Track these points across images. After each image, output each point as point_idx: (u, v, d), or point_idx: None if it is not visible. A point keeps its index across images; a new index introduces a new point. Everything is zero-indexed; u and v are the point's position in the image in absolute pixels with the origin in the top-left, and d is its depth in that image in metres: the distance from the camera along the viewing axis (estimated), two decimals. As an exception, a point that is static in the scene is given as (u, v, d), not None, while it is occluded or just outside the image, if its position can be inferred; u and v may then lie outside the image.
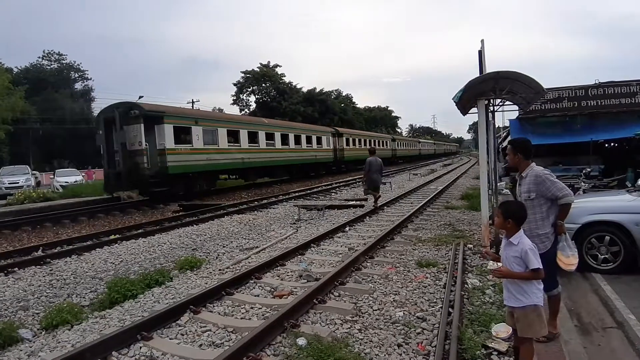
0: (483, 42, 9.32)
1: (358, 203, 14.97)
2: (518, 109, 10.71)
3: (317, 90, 68.91)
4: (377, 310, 5.27)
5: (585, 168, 13.03)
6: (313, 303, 5.45)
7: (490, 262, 3.61)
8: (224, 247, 9.74)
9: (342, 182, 25.93)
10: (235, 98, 65.55)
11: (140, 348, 4.49)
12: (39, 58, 59.48)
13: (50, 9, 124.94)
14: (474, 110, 8.73)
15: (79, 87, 63.28)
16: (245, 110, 64.90)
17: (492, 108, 8.90)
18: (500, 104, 9.32)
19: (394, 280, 6.41)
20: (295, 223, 12.43)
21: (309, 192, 21.05)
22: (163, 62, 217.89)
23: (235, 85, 64.90)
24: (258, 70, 63.53)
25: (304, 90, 67.62)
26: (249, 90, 65.39)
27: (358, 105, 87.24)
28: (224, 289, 6.07)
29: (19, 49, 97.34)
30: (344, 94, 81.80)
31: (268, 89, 64.55)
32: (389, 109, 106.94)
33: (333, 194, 20.54)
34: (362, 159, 45.13)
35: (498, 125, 18.27)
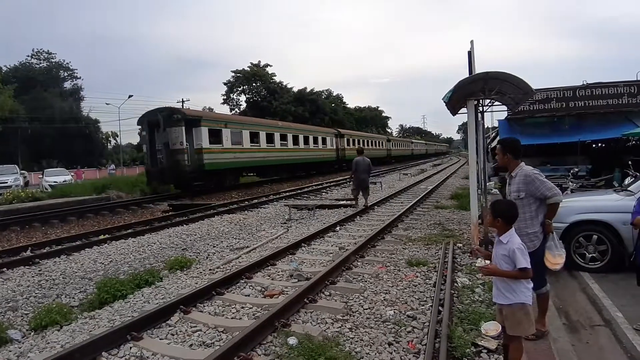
0: (472, 43, 9.40)
1: (349, 203, 14.99)
2: (507, 110, 10.80)
3: (307, 90, 68.93)
4: (367, 309, 5.29)
5: (573, 168, 13.18)
6: (304, 302, 5.45)
7: (478, 259, 3.62)
8: (214, 247, 9.70)
9: (332, 182, 25.95)
10: (226, 97, 65.43)
11: (130, 348, 4.46)
12: (28, 57, 58.90)
13: (40, 8, 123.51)
14: (464, 111, 8.79)
15: (68, 86, 62.62)
16: (236, 110, 64.74)
17: (481, 108, 8.97)
18: (490, 105, 9.39)
19: (385, 280, 6.43)
20: (286, 223, 12.42)
21: (300, 191, 21.02)
22: (153, 61, 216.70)
23: (226, 85, 64.83)
24: (248, 70, 63.39)
25: (295, 90, 67.61)
26: (240, 90, 65.24)
27: (349, 105, 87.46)
28: (215, 289, 6.05)
29: (8, 48, 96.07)
30: (335, 94, 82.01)
31: (258, 89, 64.43)
32: (380, 109, 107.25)
33: (324, 194, 20.53)
34: None
35: (487, 126, 18.42)
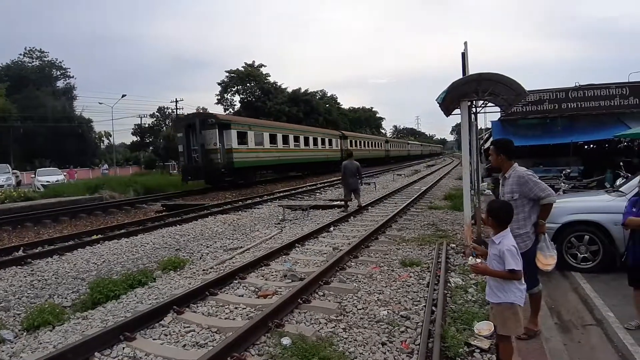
0: (466, 44, 9.45)
1: (343, 203, 15.00)
2: (500, 111, 10.86)
3: (302, 91, 68.80)
4: (361, 310, 5.30)
5: (565, 169, 13.26)
6: (297, 303, 5.46)
7: (470, 257, 3.63)
8: (208, 247, 9.68)
9: (326, 182, 25.97)
10: (220, 97, 65.22)
11: (123, 349, 4.45)
12: (20, 55, 58.55)
13: (33, 6, 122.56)
14: (457, 112, 8.84)
15: (61, 85, 62.34)
16: (230, 110, 64.53)
17: (474, 109, 9.01)
18: (483, 106, 9.45)
19: (378, 280, 6.45)
20: (280, 223, 12.41)
21: (294, 192, 21.02)
22: (147, 60, 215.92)
23: (220, 85, 64.56)
24: (243, 70, 63.24)
25: (289, 91, 67.51)
26: (234, 90, 65.06)
27: (343, 106, 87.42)
28: (208, 289, 6.04)
29: (0, 46, 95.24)
30: (329, 95, 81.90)
31: (253, 89, 64.28)
32: (374, 110, 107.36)
33: (317, 194, 20.55)
34: (363, 158, 48.16)
35: (480, 127, 18.49)
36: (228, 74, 63.53)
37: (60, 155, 50.25)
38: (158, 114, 71.61)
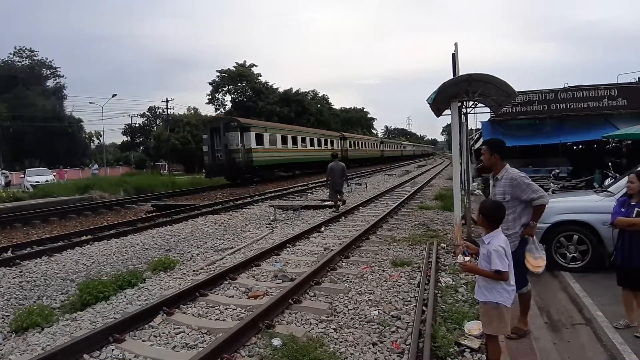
0: (457, 45, 9.49)
1: (333, 203, 14.99)
2: (490, 112, 10.92)
3: (293, 91, 68.70)
4: (352, 310, 5.30)
5: (554, 169, 13.37)
6: (288, 303, 5.44)
7: (459, 255, 3.64)
8: (198, 247, 9.63)
9: (318, 182, 25.95)
10: (211, 97, 64.96)
11: (113, 350, 4.41)
12: (10, 54, 57.72)
13: (23, 4, 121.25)
14: (448, 112, 8.86)
15: (51, 84, 61.58)
16: (221, 110, 64.32)
17: (465, 110, 9.05)
18: (473, 106, 9.48)
19: (369, 280, 6.45)
20: (271, 223, 12.38)
21: (285, 192, 20.99)
22: (138, 60, 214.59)
23: (211, 85, 64.31)
24: (234, 70, 63.02)
25: (280, 91, 67.37)
26: (225, 90, 64.82)
27: (334, 106, 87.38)
28: (198, 290, 6.01)
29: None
30: (321, 95, 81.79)
31: (244, 89, 64.09)
32: (365, 110, 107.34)
33: (309, 194, 20.53)
34: (361, 158, 46.94)
35: (471, 128, 18.61)
36: (219, 74, 63.32)
37: (50, 155, 49.81)
38: (149, 114, 71.33)
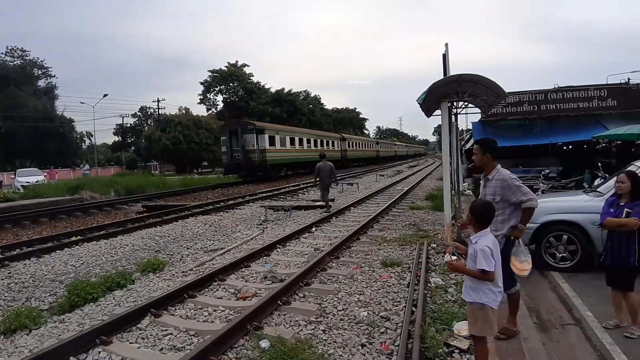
0: (447, 45, 9.48)
1: (324, 204, 14.96)
2: (480, 112, 10.94)
3: (285, 91, 68.62)
4: (341, 311, 5.26)
5: (544, 169, 13.43)
6: (277, 304, 5.39)
7: (447, 254, 3.62)
8: (188, 248, 9.55)
9: (310, 182, 25.90)
10: (202, 97, 64.72)
11: (99, 353, 4.36)
12: (2, 54, 56.90)
13: (14, 5, 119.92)
14: (438, 113, 8.86)
15: (43, 84, 60.74)
16: (212, 110, 64.08)
17: (455, 110, 9.06)
18: (463, 107, 9.49)
19: (359, 280, 6.42)
20: (262, 224, 12.31)
21: (276, 192, 20.93)
22: (130, 60, 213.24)
23: (203, 85, 64.07)
24: (226, 70, 62.84)
25: (272, 91, 67.26)
26: (216, 90, 64.60)
27: (326, 107, 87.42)
28: (187, 292, 5.95)
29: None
30: (313, 95, 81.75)
31: (236, 89, 63.94)
32: (357, 111, 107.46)
33: (300, 195, 20.49)
34: (358, 158, 48.80)
35: (461, 128, 18.68)
36: (211, 74, 63.14)
37: (41, 156, 49.29)
38: (140, 114, 70.84)
